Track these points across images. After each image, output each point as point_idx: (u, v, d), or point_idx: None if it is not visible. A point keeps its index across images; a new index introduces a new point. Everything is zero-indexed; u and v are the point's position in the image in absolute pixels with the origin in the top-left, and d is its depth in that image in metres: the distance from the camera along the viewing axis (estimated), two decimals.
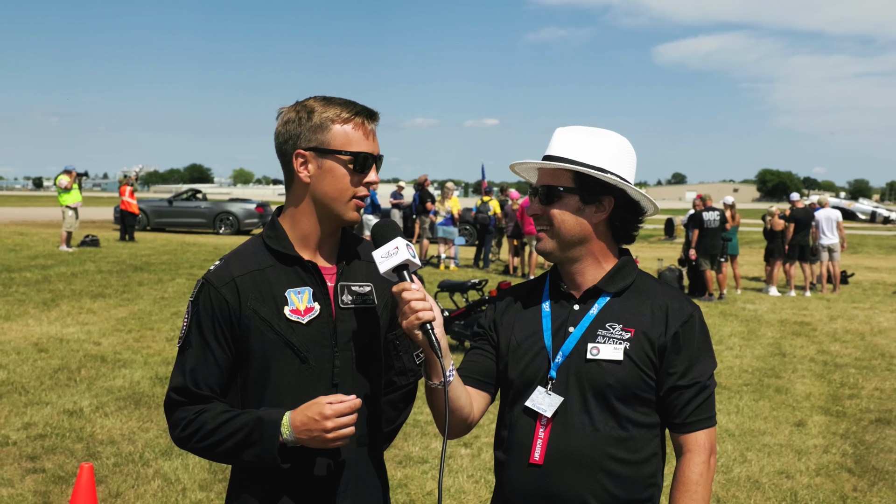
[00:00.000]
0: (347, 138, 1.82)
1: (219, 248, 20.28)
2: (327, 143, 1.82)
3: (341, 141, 1.82)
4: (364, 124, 1.84)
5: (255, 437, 1.73)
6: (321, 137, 1.82)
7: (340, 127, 1.82)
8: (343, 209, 1.85)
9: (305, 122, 1.83)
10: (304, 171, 1.84)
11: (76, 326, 9.32)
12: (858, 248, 27.82)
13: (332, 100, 1.86)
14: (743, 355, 9.15)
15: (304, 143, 1.83)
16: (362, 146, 1.83)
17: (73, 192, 18.29)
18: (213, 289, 1.81)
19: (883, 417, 6.75)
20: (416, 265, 1.76)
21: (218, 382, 1.82)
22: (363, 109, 1.85)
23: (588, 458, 1.81)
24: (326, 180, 1.83)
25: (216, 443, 1.77)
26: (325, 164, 1.83)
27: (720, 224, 14.01)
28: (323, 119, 1.82)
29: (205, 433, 1.77)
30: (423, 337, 1.71)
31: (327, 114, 1.82)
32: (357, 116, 1.83)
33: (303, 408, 1.72)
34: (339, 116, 1.82)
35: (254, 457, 1.75)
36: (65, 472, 4.87)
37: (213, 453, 1.80)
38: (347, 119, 1.83)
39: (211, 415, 1.78)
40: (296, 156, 1.84)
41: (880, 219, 53.68)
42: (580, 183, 1.85)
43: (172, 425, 1.83)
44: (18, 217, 34.28)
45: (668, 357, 1.83)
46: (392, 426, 2.06)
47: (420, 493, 4.83)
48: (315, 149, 1.82)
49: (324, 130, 1.82)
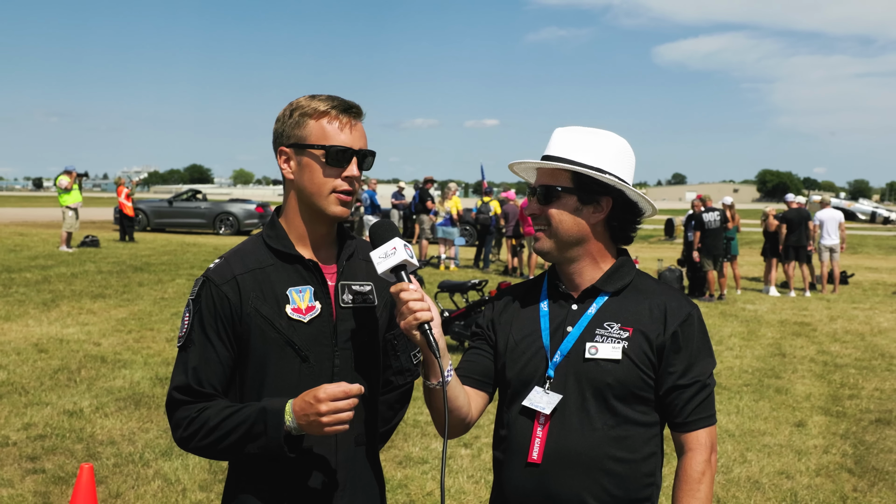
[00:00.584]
0: (323, 133, 1.81)
1: (219, 248, 20.28)
2: (304, 138, 1.82)
3: (317, 135, 1.81)
4: (339, 117, 1.82)
5: (259, 428, 1.71)
6: (299, 133, 1.83)
7: (316, 122, 1.82)
8: (324, 204, 1.83)
9: (287, 120, 1.84)
10: (287, 167, 1.85)
11: (76, 327, 9.32)
12: (858, 249, 27.81)
13: (317, 96, 1.86)
14: (743, 356, 9.15)
15: (286, 140, 1.85)
16: (337, 139, 1.81)
17: (73, 192, 18.29)
18: (215, 286, 1.81)
19: (883, 418, 6.75)
20: (413, 266, 1.76)
21: (221, 380, 1.81)
22: (340, 103, 1.84)
23: (586, 457, 1.81)
24: (305, 176, 1.83)
25: (219, 438, 1.74)
26: (302, 161, 1.83)
27: (721, 224, 14.01)
28: (301, 115, 1.83)
29: (207, 430, 1.75)
30: (422, 337, 1.71)
31: (306, 110, 1.83)
32: (333, 110, 1.82)
33: (303, 394, 1.71)
34: (315, 111, 1.82)
35: (259, 448, 1.72)
36: (65, 473, 4.87)
37: (216, 450, 1.77)
38: (323, 113, 1.82)
39: (213, 411, 1.76)
40: (279, 153, 1.86)
41: (880, 219, 53.65)
42: (578, 183, 1.86)
43: (175, 425, 1.80)
44: (18, 217, 34.28)
45: (667, 356, 1.83)
46: (388, 426, 2.06)
47: (420, 493, 4.83)
48: (294, 145, 1.83)
49: (301, 126, 1.82)
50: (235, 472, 1.88)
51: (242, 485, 1.85)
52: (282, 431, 1.69)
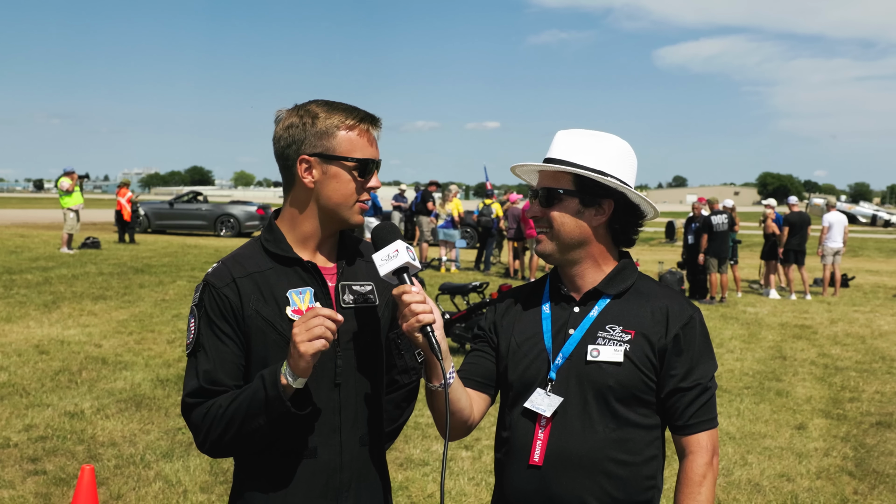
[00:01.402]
0: (352, 144, 1.83)
1: (220, 250, 20.30)
2: (332, 149, 1.82)
3: (346, 147, 1.82)
4: (368, 131, 1.85)
5: (261, 393, 1.68)
6: (326, 143, 1.82)
7: (346, 133, 1.82)
8: (348, 214, 1.86)
9: (310, 128, 1.83)
10: (309, 176, 1.84)
11: (77, 328, 9.33)
12: (859, 252, 27.81)
13: (336, 105, 1.86)
14: (744, 358, 9.15)
15: (309, 149, 1.83)
16: (366, 152, 1.84)
17: (74, 194, 18.31)
18: (215, 289, 1.81)
19: (883, 421, 6.75)
20: (416, 268, 1.76)
21: (236, 377, 1.78)
22: (367, 116, 1.86)
23: (587, 459, 1.81)
24: (331, 186, 1.83)
25: (231, 421, 1.70)
26: (329, 170, 1.83)
27: (728, 227, 14.02)
28: (328, 125, 1.82)
29: (219, 417, 1.72)
30: (424, 339, 1.71)
31: (332, 120, 1.83)
32: (362, 123, 1.84)
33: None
34: (343, 123, 1.83)
35: (267, 415, 1.67)
36: (66, 474, 4.87)
37: (232, 436, 1.71)
38: (352, 126, 1.83)
39: (222, 399, 1.73)
40: (300, 161, 1.84)
41: (881, 222, 53.71)
42: (580, 185, 1.86)
43: (194, 430, 1.77)
44: (19, 219, 34.30)
45: (668, 359, 1.83)
46: (394, 425, 2.06)
47: (421, 495, 4.83)
48: (321, 154, 1.83)
49: (329, 136, 1.82)
50: (241, 473, 1.88)
51: (248, 485, 1.85)
52: (279, 386, 1.66)
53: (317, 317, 1.64)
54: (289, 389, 1.67)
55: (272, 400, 1.67)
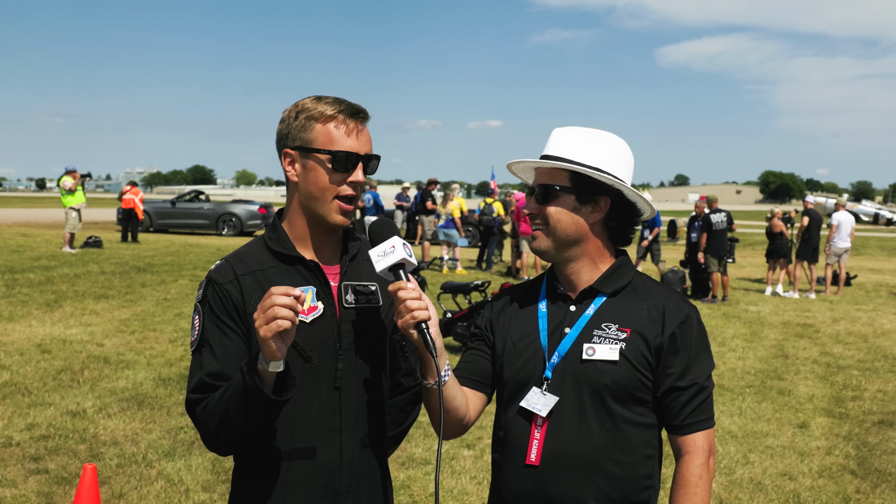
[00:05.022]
0: (329, 137, 1.80)
1: (222, 249, 20.31)
2: (311, 141, 1.81)
3: (323, 139, 1.80)
4: (346, 122, 1.81)
5: (241, 382, 1.64)
6: (304, 136, 1.81)
7: (322, 125, 1.80)
8: (326, 210, 1.82)
9: (293, 122, 1.83)
10: (292, 170, 1.84)
11: (79, 327, 9.34)
12: (861, 250, 27.75)
13: (323, 98, 1.84)
14: (746, 357, 9.14)
15: (291, 143, 1.83)
16: (344, 145, 1.80)
17: (76, 193, 18.32)
18: (218, 285, 1.80)
19: (886, 419, 6.74)
20: (412, 265, 1.75)
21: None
22: (347, 107, 1.82)
23: (584, 459, 1.80)
24: (309, 179, 1.82)
25: (224, 411, 1.67)
26: (308, 164, 1.82)
27: (727, 226, 14.01)
28: (308, 118, 1.81)
29: (211, 410, 1.70)
30: (419, 336, 1.70)
31: (312, 112, 1.81)
32: (340, 114, 1.81)
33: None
34: (322, 115, 1.81)
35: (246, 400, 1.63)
36: (68, 473, 4.88)
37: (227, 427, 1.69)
38: (330, 117, 1.81)
39: (218, 391, 1.71)
40: (284, 155, 1.85)
41: (883, 220, 53.63)
42: (577, 182, 1.85)
43: (198, 429, 1.75)
44: (21, 218, 34.34)
45: (665, 358, 1.82)
46: (399, 429, 2.04)
47: (423, 494, 4.82)
48: (300, 148, 1.82)
49: (307, 129, 1.81)
50: (240, 473, 1.86)
51: (246, 485, 1.83)
52: (256, 372, 1.62)
53: (270, 297, 1.59)
54: (267, 375, 1.63)
55: (250, 387, 1.62)
